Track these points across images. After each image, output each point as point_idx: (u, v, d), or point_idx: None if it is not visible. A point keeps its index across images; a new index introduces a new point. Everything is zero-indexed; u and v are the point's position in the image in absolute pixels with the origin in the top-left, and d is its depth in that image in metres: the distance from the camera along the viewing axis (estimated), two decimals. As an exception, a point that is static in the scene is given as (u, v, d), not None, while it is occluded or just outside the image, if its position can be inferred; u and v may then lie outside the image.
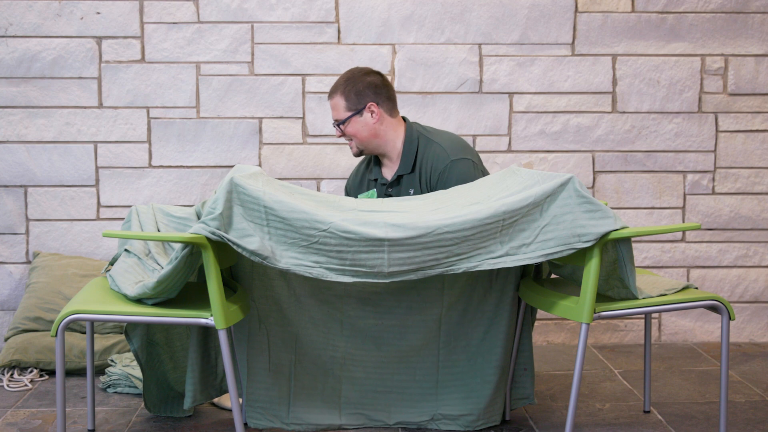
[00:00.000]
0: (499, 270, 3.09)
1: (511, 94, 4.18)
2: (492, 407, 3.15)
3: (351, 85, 3.37)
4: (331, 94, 3.41)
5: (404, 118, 3.47)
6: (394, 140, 3.40)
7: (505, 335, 3.13)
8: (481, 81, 4.16)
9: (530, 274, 3.17)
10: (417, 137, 3.38)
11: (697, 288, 3.04)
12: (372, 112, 3.36)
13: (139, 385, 3.42)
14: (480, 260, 2.80)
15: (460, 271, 2.80)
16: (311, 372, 3.15)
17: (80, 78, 4.08)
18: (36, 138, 4.09)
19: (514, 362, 3.20)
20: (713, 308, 2.91)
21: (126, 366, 3.56)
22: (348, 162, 4.13)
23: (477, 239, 2.79)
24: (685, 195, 4.22)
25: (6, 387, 3.56)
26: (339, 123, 3.38)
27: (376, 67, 4.09)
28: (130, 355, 3.64)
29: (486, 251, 2.80)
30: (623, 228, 2.75)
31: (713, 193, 4.22)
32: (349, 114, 3.36)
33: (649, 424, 3.22)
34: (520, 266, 3.09)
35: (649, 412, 3.34)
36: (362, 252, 2.75)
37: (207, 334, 3.13)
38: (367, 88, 3.37)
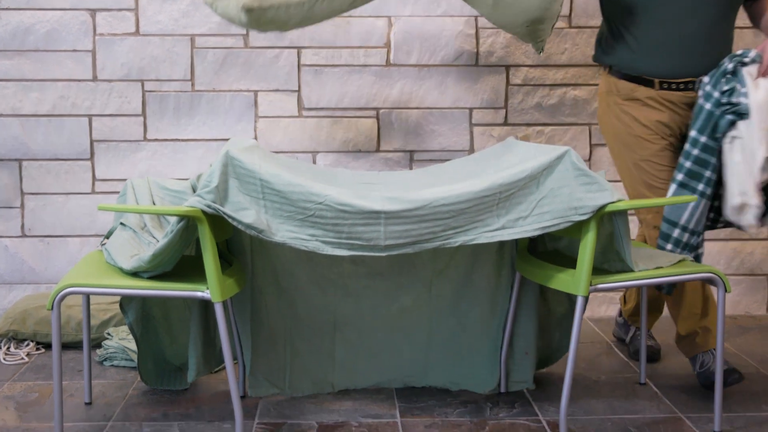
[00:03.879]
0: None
1: (507, 66, 4.16)
2: (482, 373, 3.25)
3: None
4: None
5: None
6: None
7: (490, 303, 3.22)
8: (477, 54, 4.14)
9: (525, 247, 3.18)
10: None
11: (693, 260, 3.04)
12: None
13: (136, 358, 3.43)
14: (477, 233, 2.81)
15: (457, 244, 2.81)
16: (306, 337, 3.23)
17: (74, 51, 4.06)
18: (30, 111, 4.08)
19: (510, 333, 3.22)
20: (709, 281, 2.92)
21: (122, 339, 3.56)
22: (344, 136, 4.12)
23: (473, 212, 2.79)
24: (681, 168, 4.21)
25: (2, 360, 3.56)
26: None
27: (372, 40, 4.08)
28: (127, 328, 3.64)
29: (483, 224, 2.81)
30: (619, 201, 2.75)
31: (710, 166, 4.21)
32: None
33: (645, 396, 3.24)
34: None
35: (644, 384, 3.35)
36: (358, 225, 2.75)
37: (207, 306, 3.14)
38: None
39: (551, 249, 3.22)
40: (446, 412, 3.09)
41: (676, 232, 3.13)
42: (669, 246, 3.14)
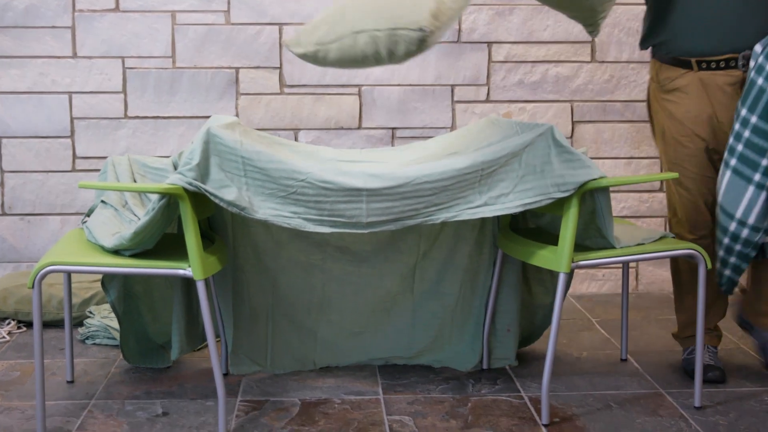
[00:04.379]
0: (474, 219, 3.12)
1: (489, 43, 4.15)
2: (464, 350, 3.26)
3: None
4: None
5: None
6: None
7: (472, 280, 3.23)
8: (459, 30, 4.13)
9: (507, 224, 3.18)
10: None
11: (674, 237, 3.05)
12: None
13: (118, 336, 3.42)
14: (459, 210, 2.81)
15: (439, 221, 2.81)
16: (288, 314, 3.23)
17: (54, 27, 4.02)
18: (10, 89, 4.04)
19: (492, 310, 3.23)
20: (690, 257, 2.93)
21: (104, 317, 3.55)
22: (326, 113, 4.10)
23: (456, 189, 2.79)
24: (663, 145, 4.22)
25: (-17, 339, 3.56)
26: None
27: (354, 17, 4.05)
28: (109, 306, 3.63)
29: (465, 201, 2.81)
30: (601, 177, 2.75)
31: (691, 143, 4.23)
32: None
33: (626, 372, 3.26)
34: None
35: (626, 360, 3.37)
36: (340, 202, 2.75)
37: (190, 284, 3.14)
38: None
39: (533, 226, 3.23)
40: (429, 388, 3.10)
41: (733, 226, 2.95)
42: (726, 240, 2.98)
